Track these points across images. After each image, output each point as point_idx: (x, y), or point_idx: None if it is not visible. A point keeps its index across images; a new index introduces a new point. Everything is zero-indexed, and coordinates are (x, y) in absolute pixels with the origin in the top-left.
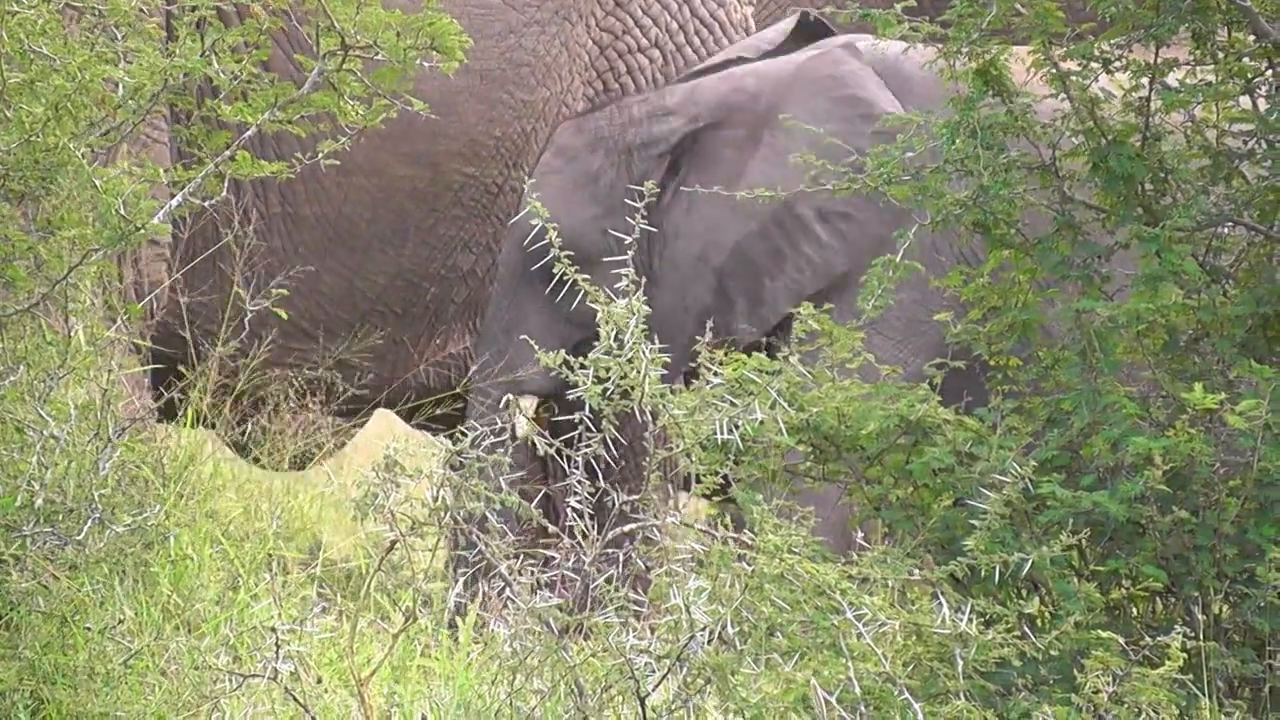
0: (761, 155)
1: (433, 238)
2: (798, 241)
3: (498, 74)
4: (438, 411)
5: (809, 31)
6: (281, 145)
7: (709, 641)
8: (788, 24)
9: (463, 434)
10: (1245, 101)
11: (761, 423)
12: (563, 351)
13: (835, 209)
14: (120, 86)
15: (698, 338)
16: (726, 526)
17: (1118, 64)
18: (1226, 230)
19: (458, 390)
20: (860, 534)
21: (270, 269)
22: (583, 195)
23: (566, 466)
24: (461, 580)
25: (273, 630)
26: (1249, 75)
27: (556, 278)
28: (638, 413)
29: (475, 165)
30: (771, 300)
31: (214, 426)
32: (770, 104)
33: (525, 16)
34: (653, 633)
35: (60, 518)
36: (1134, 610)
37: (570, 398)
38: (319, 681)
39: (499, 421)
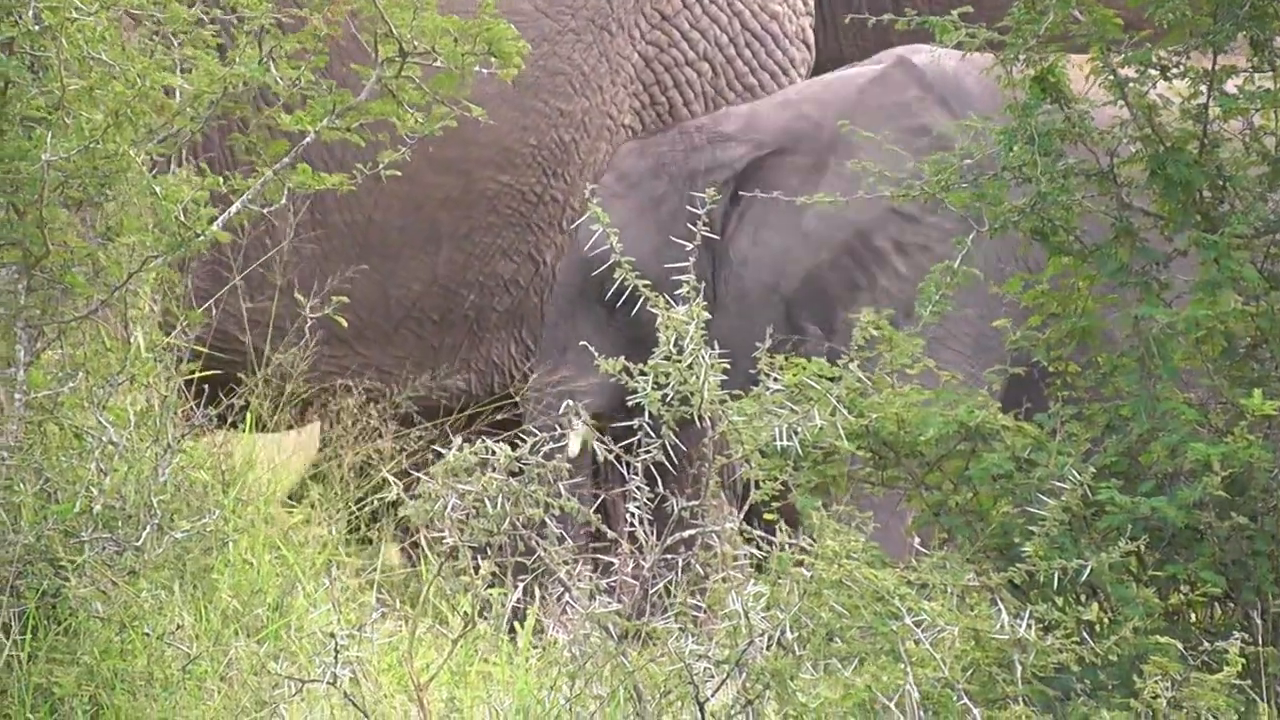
0: (828, 183)
1: (468, 245)
2: (875, 274)
3: (531, 81)
4: (500, 417)
5: None
6: (323, 154)
7: (768, 647)
8: None
9: (521, 439)
10: None
11: (821, 429)
12: (622, 358)
13: (913, 241)
14: (178, 94)
15: (757, 344)
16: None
17: (1175, 71)
18: None
19: (514, 398)
20: (917, 540)
21: (301, 276)
22: (647, 222)
23: (625, 473)
24: (521, 586)
25: (332, 636)
26: None
27: (623, 293)
28: (697, 419)
29: (510, 173)
30: (846, 332)
31: (267, 431)
32: (834, 131)
33: (560, 24)
34: (711, 638)
35: (119, 524)
36: (1192, 616)
37: (629, 404)
38: (379, 687)
39: (557, 427)
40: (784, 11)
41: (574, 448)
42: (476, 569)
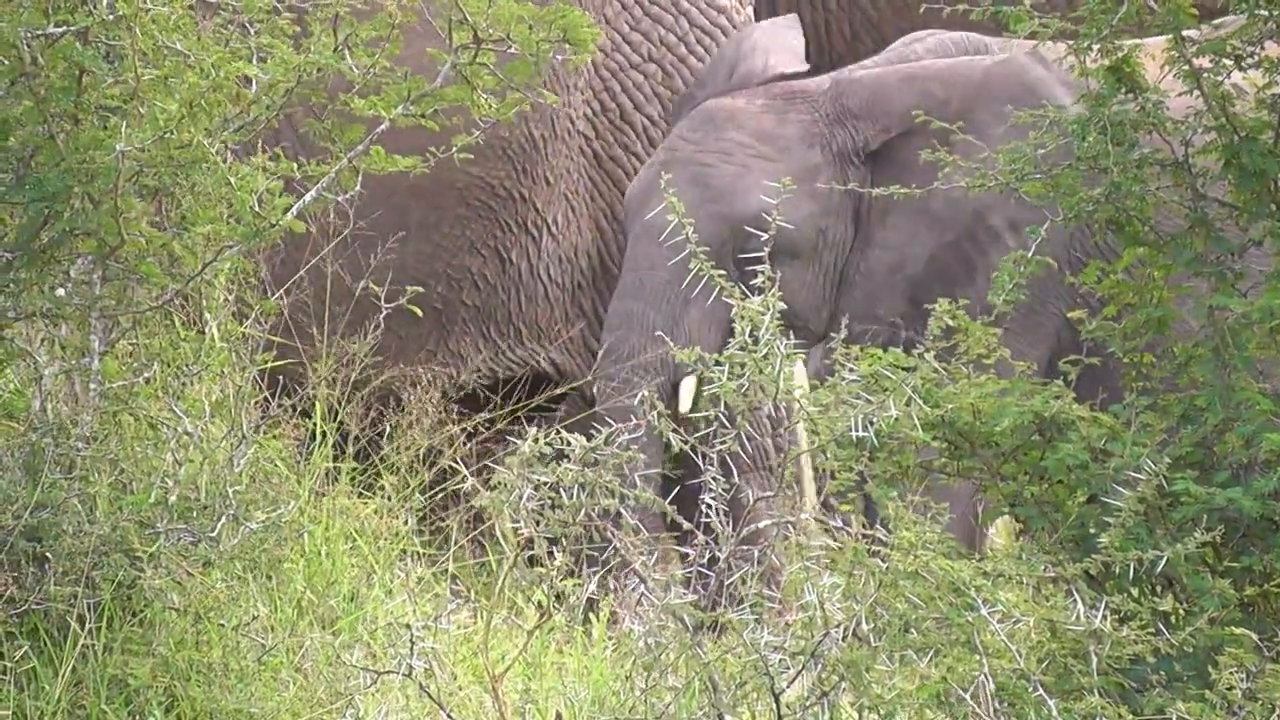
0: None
1: (436, 235)
2: (989, 252)
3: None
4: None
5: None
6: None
7: (843, 638)
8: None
9: (596, 429)
10: None
11: (896, 419)
12: (698, 348)
13: (1030, 219)
14: (254, 83)
15: (833, 334)
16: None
17: (1250, 60)
18: None
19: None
20: (990, 530)
21: (269, 261)
22: (803, 190)
23: (700, 463)
24: (596, 577)
25: (407, 627)
26: None
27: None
28: (772, 409)
29: (479, 164)
30: (965, 311)
31: (342, 422)
32: (959, 111)
33: None
34: (787, 629)
35: (194, 514)
36: (1268, 607)
37: (706, 393)
38: (453, 678)
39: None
40: (729, 3)
41: (685, 404)
42: (551, 558)
